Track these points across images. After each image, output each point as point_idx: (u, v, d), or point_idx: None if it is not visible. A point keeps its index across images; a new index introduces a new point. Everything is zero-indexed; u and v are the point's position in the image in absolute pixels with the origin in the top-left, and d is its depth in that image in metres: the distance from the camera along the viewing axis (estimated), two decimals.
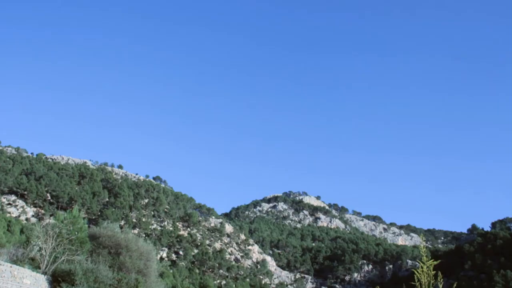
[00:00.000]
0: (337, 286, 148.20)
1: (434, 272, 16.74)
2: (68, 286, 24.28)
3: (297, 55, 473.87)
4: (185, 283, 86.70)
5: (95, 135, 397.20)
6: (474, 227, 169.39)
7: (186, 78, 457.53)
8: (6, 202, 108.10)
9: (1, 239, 32.21)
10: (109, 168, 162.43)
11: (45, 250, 28.26)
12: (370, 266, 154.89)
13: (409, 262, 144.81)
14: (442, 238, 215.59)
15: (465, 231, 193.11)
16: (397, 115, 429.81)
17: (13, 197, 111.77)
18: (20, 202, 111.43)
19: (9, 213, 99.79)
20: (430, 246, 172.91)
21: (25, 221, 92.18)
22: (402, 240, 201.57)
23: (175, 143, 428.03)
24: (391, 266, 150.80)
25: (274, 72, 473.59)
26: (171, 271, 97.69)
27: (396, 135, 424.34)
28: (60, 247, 28.99)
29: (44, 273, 26.90)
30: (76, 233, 31.35)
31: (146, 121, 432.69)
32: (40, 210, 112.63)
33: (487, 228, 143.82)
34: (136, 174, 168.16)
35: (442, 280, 16.74)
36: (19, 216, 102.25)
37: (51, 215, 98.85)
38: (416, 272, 16.75)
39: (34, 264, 28.21)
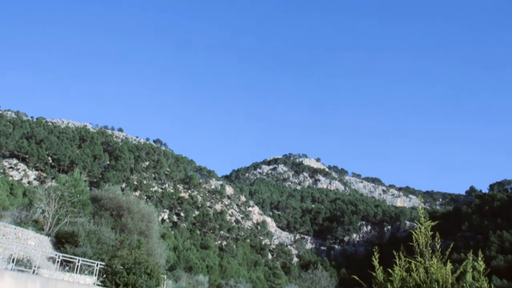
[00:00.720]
0: (336, 246, 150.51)
1: (432, 232, 16.99)
2: (71, 247, 24.67)
3: (297, 16, 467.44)
4: (187, 244, 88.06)
5: (94, 98, 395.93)
6: (472, 189, 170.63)
7: (185, 36, 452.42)
8: (8, 166, 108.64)
9: (4, 202, 32.51)
10: (110, 131, 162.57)
11: (48, 213, 28.61)
12: (369, 227, 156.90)
13: (407, 223, 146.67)
14: (441, 199, 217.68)
15: (463, 193, 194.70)
16: (397, 76, 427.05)
17: (14, 161, 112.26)
18: (21, 166, 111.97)
19: (11, 176, 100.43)
20: (428, 207, 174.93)
21: (27, 184, 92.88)
22: (401, 201, 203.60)
23: (175, 106, 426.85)
24: (389, 227, 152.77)
25: (274, 33, 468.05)
26: (172, 232, 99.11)
27: (395, 97, 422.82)
28: (63, 210, 29.34)
29: (48, 234, 27.29)
30: (78, 195, 31.66)
31: (145, 84, 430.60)
32: (41, 174, 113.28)
33: (485, 190, 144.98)
34: (137, 137, 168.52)
35: (439, 240, 17.01)
36: (21, 179, 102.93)
37: (52, 178, 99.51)
38: (414, 232, 16.99)
39: (38, 226, 28.59)
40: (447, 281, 15.33)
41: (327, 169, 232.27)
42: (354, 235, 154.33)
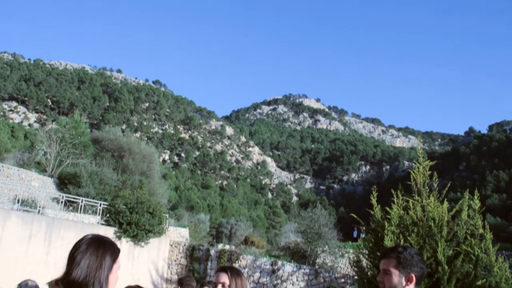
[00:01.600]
0: (335, 186, 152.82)
1: (430, 172, 17.22)
2: (74, 188, 25.03)
3: None
4: (188, 184, 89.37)
5: (92, 39, 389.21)
6: (471, 129, 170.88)
7: None
8: (8, 109, 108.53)
9: (6, 144, 32.68)
10: (108, 73, 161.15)
11: (50, 154, 28.84)
12: (368, 167, 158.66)
13: (406, 163, 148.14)
14: (439, 140, 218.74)
15: (462, 133, 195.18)
16: (397, 17, 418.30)
17: (14, 103, 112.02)
18: (21, 108, 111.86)
19: (12, 119, 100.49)
20: (427, 148, 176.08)
21: (28, 127, 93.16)
22: (400, 142, 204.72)
23: (174, 47, 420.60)
24: (388, 167, 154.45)
25: None
26: (173, 172, 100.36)
27: (395, 37, 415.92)
28: (64, 151, 29.55)
29: (51, 176, 27.64)
30: (79, 137, 31.80)
31: (143, 25, 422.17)
32: (42, 116, 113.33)
33: (484, 130, 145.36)
34: (136, 78, 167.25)
35: (437, 180, 17.23)
36: (21, 122, 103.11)
37: (53, 121, 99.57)
38: (412, 172, 17.22)
39: (41, 168, 28.91)
40: (443, 219, 15.68)
41: (327, 110, 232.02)
42: (353, 175, 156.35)
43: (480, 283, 14.70)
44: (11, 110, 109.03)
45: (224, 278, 2.91)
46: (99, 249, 1.98)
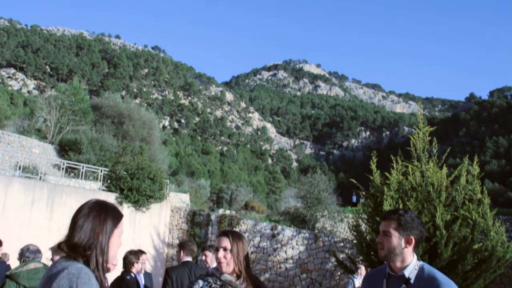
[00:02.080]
0: (335, 151, 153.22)
1: (430, 138, 17.27)
2: (75, 155, 25.11)
3: None
4: (188, 150, 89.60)
5: (89, 4, 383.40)
6: (472, 95, 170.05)
7: None
8: (6, 76, 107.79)
9: (6, 111, 32.62)
10: (107, 39, 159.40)
11: (50, 121, 28.82)
12: (368, 133, 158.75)
13: (406, 129, 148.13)
14: (440, 106, 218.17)
15: (463, 99, 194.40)
16: None
17: (12, 70, 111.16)
18: (20, 75, 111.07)
19: (10, 86, 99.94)
20: (427, 114, 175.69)
21: (27, 94, 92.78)
22: (400, 108, 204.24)
23: (172, 12, 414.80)
24: (388, 132, 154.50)
25: None
26: (173, 139, 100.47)
27: (396, 2, 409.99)
28: (64, 118, 29.52)
29: (51, 143, 27.69)
30: (79, 104, 31.72)
31: None
32: (40, 83, 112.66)
33: (485, 96, 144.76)
34: (135, 44, 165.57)
35: (436, 146, 17.31)
36: (20, 89, 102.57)
37: (52, 87, 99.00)
38: (412, 138, 17.27)
39: (41, 135, 28.92)
40: (442, 184, 15.81)
41: (327, 75, 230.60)
42: (353, 141, 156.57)
43: (477, 247, 14.93)
44: (9, 77, 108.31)
45: (226, 242, 2.92)
46: (101, 214, 1.99)
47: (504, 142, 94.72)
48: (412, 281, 2.50)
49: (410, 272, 2.52)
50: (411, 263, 2.55)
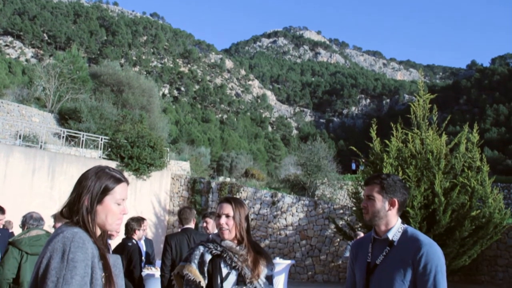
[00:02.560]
0: (335, 119, 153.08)
1: (430, 105, 17.24)
2: (75, 123, 25.10)
3: None
4: (188, 118, 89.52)
5: None
6: (473, 63, 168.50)
7: None
8: (4, 44, 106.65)
9: (4, 80, 32.44)
10: (104, 5, 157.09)
11: (49, 90, 28.71)
12: (368, 100, 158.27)
13: (406, 96, 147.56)
14: (441, 73, 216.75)
15: (464, 67, 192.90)
16: None
17: (9, 38, 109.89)
18: (17, 43, 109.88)
19: (8, 54, 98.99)
20: (428, 81, 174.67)
21: (25, 62, 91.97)
22: (401, 75, 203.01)
23: None
24: (388, 100, 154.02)
25: None
26: (173, 107, 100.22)
27: None
28: (63, 86, 29.40)
29: (51, 111, 27.64)
30: (77, 72, 31.53)
31: None
32: (38, 51, 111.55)
33: (487, 64, 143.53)
34: (133, 11, 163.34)
35: (436, 113, 17.30)
36: (18, 57, 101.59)
37: (50, 56, 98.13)
38: (412, 105, 17.24)
39: (40, 104, 28.85)
40: (441, 152, 15.86)
41: (327, 42, 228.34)
42: (353, 108, 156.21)
43: (475, 214, 15.08)
44: (6, 45, 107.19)
45: (228, 209, 2.93)
46: (94, 177, 1.98)
47: (504, 110, 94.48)
48: (395, 243, 2.55)
49: (394, 234, 2.57)
50: (394, 226, 2.60)
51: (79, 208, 1.94)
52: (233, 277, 2.84)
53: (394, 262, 2.48)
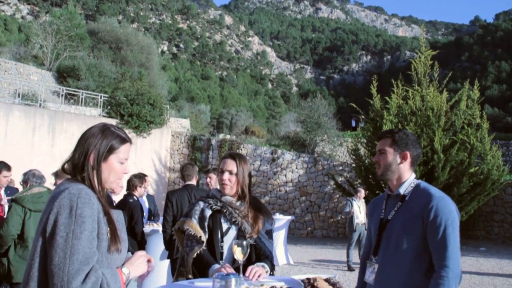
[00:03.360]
0: (335, 76, 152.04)
1: (431, 62, 17.10)
2: (74, 81, 24.97)
3: None
4: (187, 75, 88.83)
5: None
6: (476, 18, 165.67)
7: None
8: None
9: (0, 38, 32.02)
10: None
11: (46, 48, 28.39)
12: (369, 57, 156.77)
13: (408, 53, 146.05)
14: (443, 30, 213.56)
15: (467, 23, 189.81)
16: None
17: None
18: (12, 0, 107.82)
19: (3, 11, 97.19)
20: (429, 37, 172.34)
21: (21, 20, 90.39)
22: (403, 31, 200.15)
23: None
24: (389, 57, 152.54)
25: None
26: (172, 64, 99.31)
27: None
28: (61, 44, 29.07)
29: (49, 69, 27.44)
30: (75, 29, 31.12)
31: None
32: (34, 8, 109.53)
33: (490, 20, 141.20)
34: None
35: (437, 70, 17.18)
36: (14, 14, 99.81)
37: (46, 12, 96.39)
38: (413, 62, 17.10)
39: (38, 62, 28.60)
40: (442, 109, 15.85)
41: None
42: (354, 65, 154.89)
43: (473, 170, 15.19)
44: (1, 1, 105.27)
45: (232, 165, 2.92)
46: (100, 135, 1.99)
47: (506, 67, 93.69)
48: (407, 198, 2.50)
49: (406, 189, 2.53)
50: (407, 181, 2.55)
51: (84, 165, 1.96)
52: (233, 232, 2.88)
53: (405, 217, 2.45)
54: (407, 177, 2.56)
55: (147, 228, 6.65)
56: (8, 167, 6.07)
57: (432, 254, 2.33)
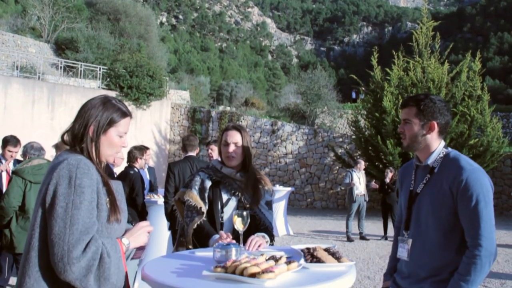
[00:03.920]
0: (335, 47, 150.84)
1: (433, 33, 16.93)
2: (72, 53, 24.79)
3: None
4: (187, 47, 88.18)
5: None
6: None
7: None
8: None
9: None
10: None
11: (44, 19, 28.09)
12: (370, 28, 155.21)
13: (409, 24, 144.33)
14: (445, 0, 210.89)
15: None
16: None
17: None
18: None
19: None
20: (431, 8, 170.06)
21: None
22: (404, 2, 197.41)
23: None
24: (390, 28, 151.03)
25: None
26: (172, 35, 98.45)
27: None
28: (58, 15, 28.74)
29: (47, 41, 27.20)
30: (72, 0, 30.70)
31: None
32: None
33: None
34: None
35: (439, 41, 17.02)
36: None
37: None
38: (414, 33, 16.94)
39: (36, 34, 28.32)
40: (442, 80, 15.78)
41: None
42: (354, 36, 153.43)
43: (473, 142, 15.21)
44: None
45: (238, 137, 2.91)
46: (101, 108, 1.98)
47: (509, 38, 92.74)
48: (436, 170, 2.35)
49: (434, 160, 2.37)
50: (435, 151, 2.38)
51: (84, 136, 1.96)
52: (233, 203, 2.90)
53: (434, 191, 2.30)
54: (436, 147, 2.39)
55: (147, 200, 6.69)
56: (14, 143, 6.07)
57: (464, 230, 2.21)
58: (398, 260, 2.56)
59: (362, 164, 11.48)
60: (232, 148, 2.89)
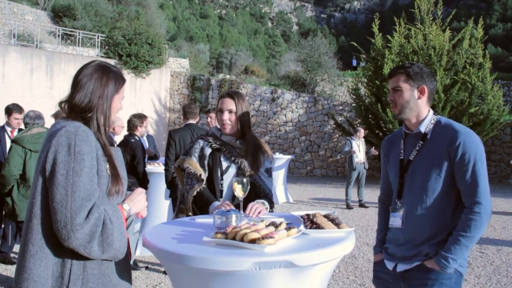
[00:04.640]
0: (336, 14, 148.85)
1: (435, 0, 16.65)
2: (70, 21, 24.50)
3: None
4: (186, 14, 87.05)
5: None
6: None
7: None
8: None
9: None
10: None
11: None
12: None
13: None
14: None
15: None
16: None
17: None
18: None
19: None
20: None
21: None
22: None
23: None
24: None
25: None
26: (170, 2, 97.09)
27: None
28: None
29: (44, 9, 26.85)
30: None
31: None
32: None
33: None
34: None
35: (441, 8, 16.81)
36: None
37: None
38: None
39: (32, 1, 27.92)
40: (444, 48, 15.65)
41: None
42: (355, 3, 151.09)
43: (473, 110, 15.19)
44: None
45: (232, 104, 2.89)
46: (103, 76, 1.95)
47: None
48: (429, 136, 2.37)
49: (427, 126, 2.38)
50: (426, 118, 2.40)
51: (92, 106, 1.93)
52: (233, 170, 2.91)
53: (428, 156, 2.33)
54: (426, 114, 2.41)
55: (147, 168, 6.70)
56: (19, 110, 6.07)
57: (461, 191, 2.26)
58: (386, 231, 2.61)
59: (361, 132, 11.48)
60: (226, 115, 2.88)
